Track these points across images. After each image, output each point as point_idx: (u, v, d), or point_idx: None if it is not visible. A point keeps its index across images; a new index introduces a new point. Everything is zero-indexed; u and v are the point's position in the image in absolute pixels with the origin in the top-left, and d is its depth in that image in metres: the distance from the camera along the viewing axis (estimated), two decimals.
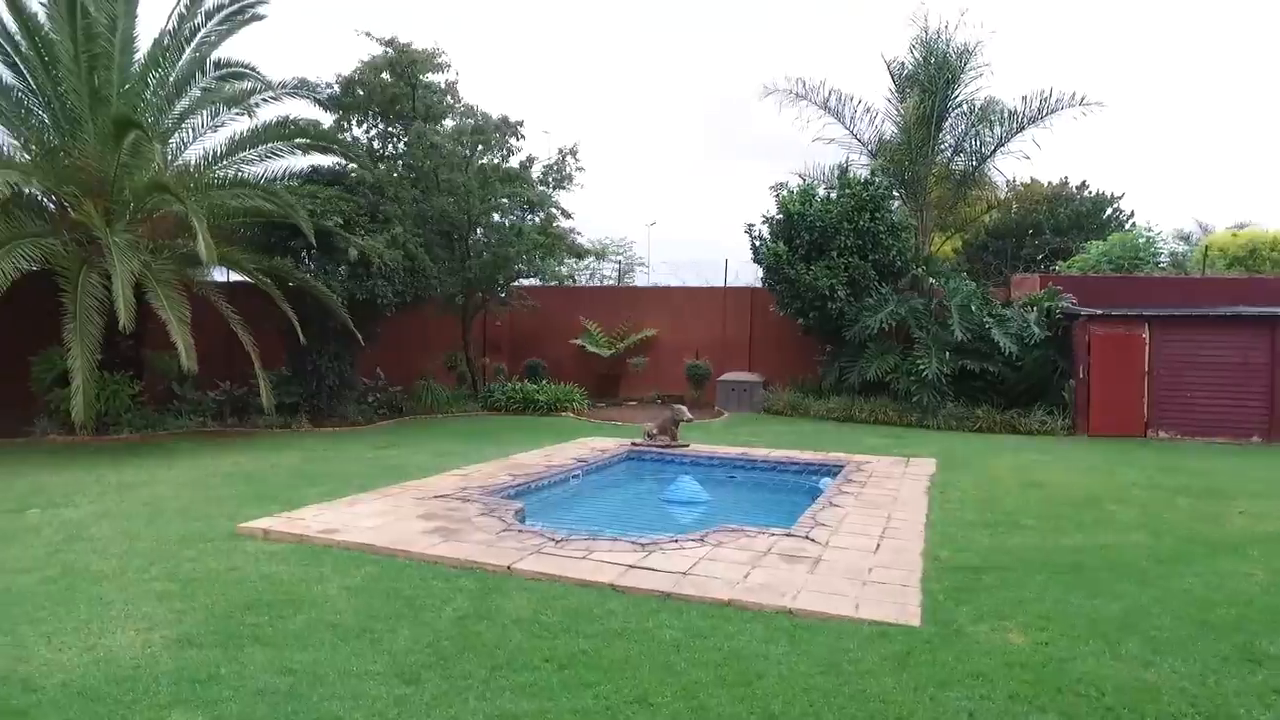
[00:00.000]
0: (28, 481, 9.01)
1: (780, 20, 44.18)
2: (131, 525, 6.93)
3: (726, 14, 45.26)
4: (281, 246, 13.16)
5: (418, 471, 9.41)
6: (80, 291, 10.62)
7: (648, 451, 11.50)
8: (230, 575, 5.42)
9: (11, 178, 10.09)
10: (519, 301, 17.47)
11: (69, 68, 11.91)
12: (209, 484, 8.82)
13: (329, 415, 14.60)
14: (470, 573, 5.47)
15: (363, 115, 15.93)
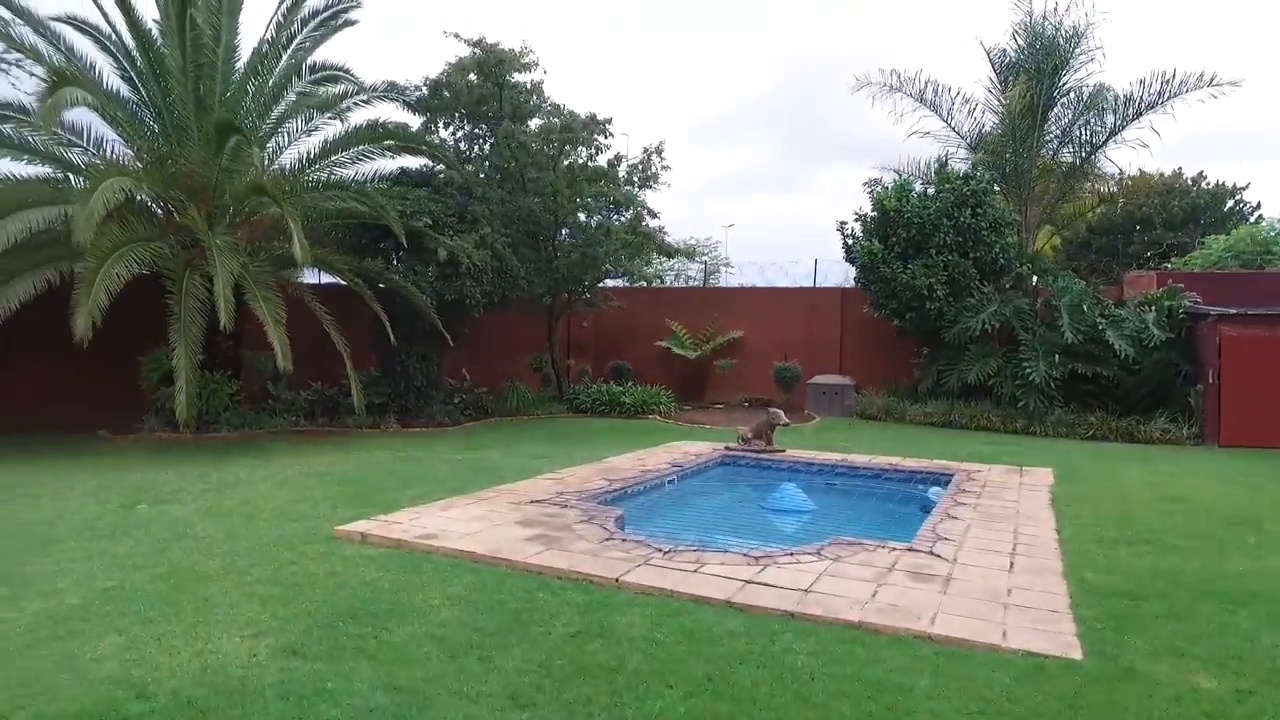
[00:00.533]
0: (138, 477, 9.19)
1: (860, 12, 42.95)
2: (232, 524, 6.91)
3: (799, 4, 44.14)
4: (372, 248, 13.26)
5: (510, 475, 9.23)
6: (184, 293, 10.85)
7: (742, 456, 11.08)
8: (331, 581, 5.26)
9: (125, 184, 10.36)
10: (605, 302, 17.26)
11: (177, 78, 12.26)
12: (304, 484, 8.82)
13: (416, 416, 14.66)
14: (577, 585, 5.18)
15: (449, 117, 15.98)
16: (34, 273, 10.26)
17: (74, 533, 6.70)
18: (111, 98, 12.35)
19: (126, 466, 9.95)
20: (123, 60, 13.15)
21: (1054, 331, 14.52)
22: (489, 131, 16.48)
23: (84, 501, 7.93)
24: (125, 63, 13.14)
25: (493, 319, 16.33)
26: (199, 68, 12.11)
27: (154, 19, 12.91)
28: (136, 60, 12.91)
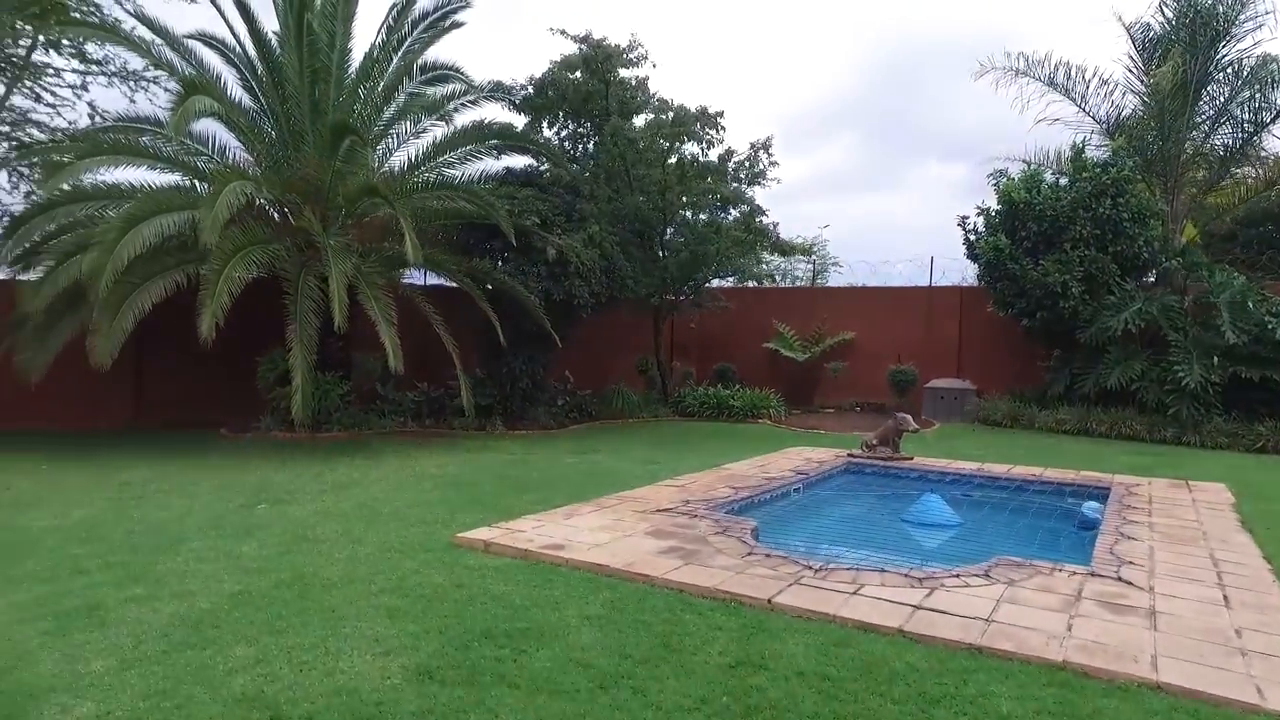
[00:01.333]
0: (256, 477, 9.23)
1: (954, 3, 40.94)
2: (351, 528, 6.72)
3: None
4: (479, 248, 13.14)
5: (628, 481, 8.82)
6: (300, 294, 10.92)
7: (868, 464, 10.38)
8: (458, 594, 4.93)
9: (246, 188, 10.51)
10: (713, 303, 16.73)
11: (295, 84, 12.45)
12: (418, 487, 8.64)
13: (520, 418, 14.48)
14: (724, 606, 4.69)
15: (554, 116, 15.81)
16: (164, 275, 10.49)
17: (200, 531, 6.64)
18: (234, 106, 12.64)
19: (245, 466, 10.03)
20: (245, 71, 13.49)
21: (1210, 331, 13.20)
22: (593, 130, 16.22)
23: (209, 500, 7.94)
24: (247, 73, 13.48)
25: (594, 320, 16.04)
26: (314, 73, 12.25)
27: (273, 31, 13.22)
28: (257, 69, 13.21)
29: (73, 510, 7.52)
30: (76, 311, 10.79)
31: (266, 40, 12.93)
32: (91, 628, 4.42)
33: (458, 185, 12.55)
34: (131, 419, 14.68)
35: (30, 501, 7.92)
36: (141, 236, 10.01)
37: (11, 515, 7.31)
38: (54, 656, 4.03)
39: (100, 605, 4.79)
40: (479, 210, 12.16)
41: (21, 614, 4.69)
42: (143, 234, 10.04)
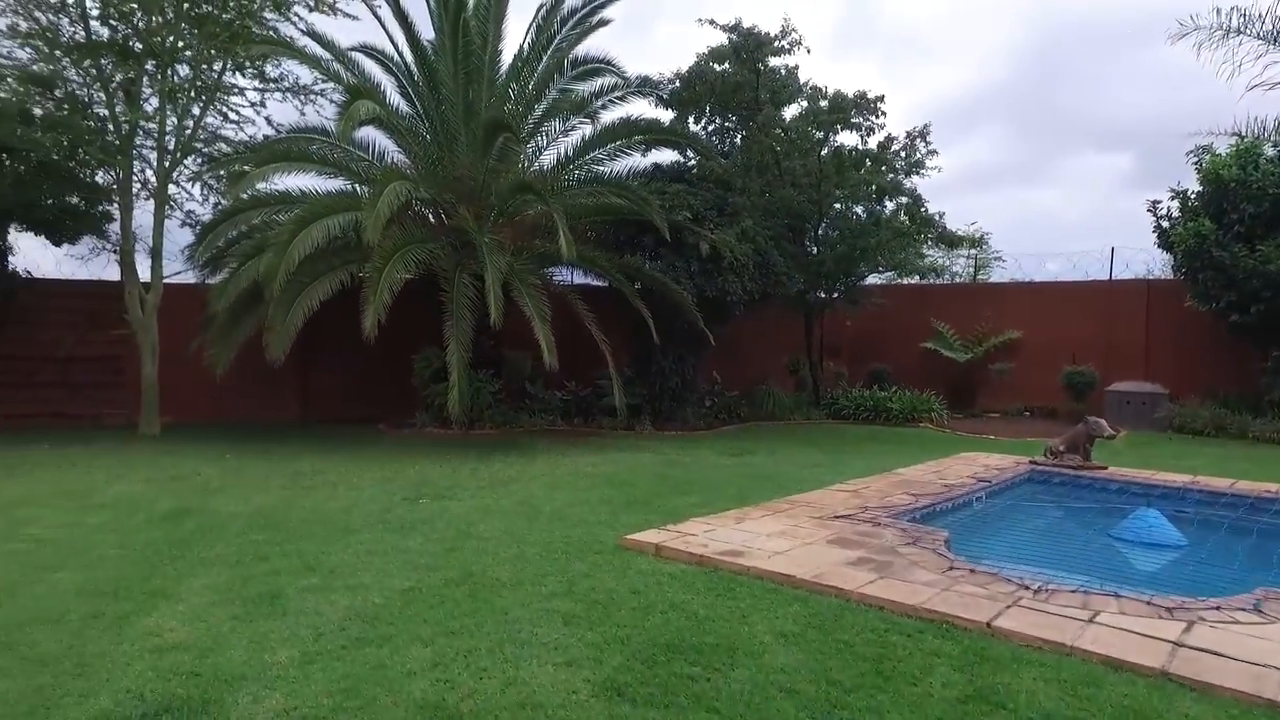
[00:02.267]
0: (415, 471, 9.34)
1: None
2: (514, 526, 6.56)
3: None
4: (629, 244, 12.94)
5: (793, 484, 8.30)
6: (456, 292, 11.05)
7: (1055, 473, 9.37)
8: (635, 601, 4.60)
9: (405, 188, 10.76)
10: (869, 300, 15.87)
11: (449, 86, 12.71)
12: (575, 485, 8.46)
13: (668, 418, 14.20)
14: (934, 627, 4.12)
15: (700, 110, 15.45)
16: (330, 275, 10.87)
17: (368, 524, 6.67)
18: (393, 111, 13.04)
19: (404, 460, 10.21)
20: (402, 78, 13.94)
21: None
22: (740, 123, 15.75)
23: (374, 493, 8.05)
24: (404, 80, 13.92)
25: (738, 319, 15.56)
26: (468, 75, 12.44)
27: (427, 39, 13.57)
28: (414, 75, 13.61)
29: (253, 497, 7.79)
30: (254, 311, 11.39)
31: (423, 47, 13.30)
32: (274, 615, 4.39)
33: (610, 181, 12.42)
34: (300, 413, 15.48)
35: (217, 488, 8.30)
36: (311, 238, 10.39)
37: (203, 500, 7.64)
38: (243, 643, 3.99)
39: (281, 593, 4.77)
40: (631, 206, 11.97)
41: (214, 596, 4.74)
42: (312, 235, 10.43)
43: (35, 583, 5.09)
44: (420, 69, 13.40)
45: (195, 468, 9.55)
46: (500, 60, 13.76)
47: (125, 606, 4.60)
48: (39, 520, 6.85)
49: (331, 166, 12.47)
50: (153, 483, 8.62)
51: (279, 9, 13.44)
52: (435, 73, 13.29)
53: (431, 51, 13.39)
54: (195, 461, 10.02)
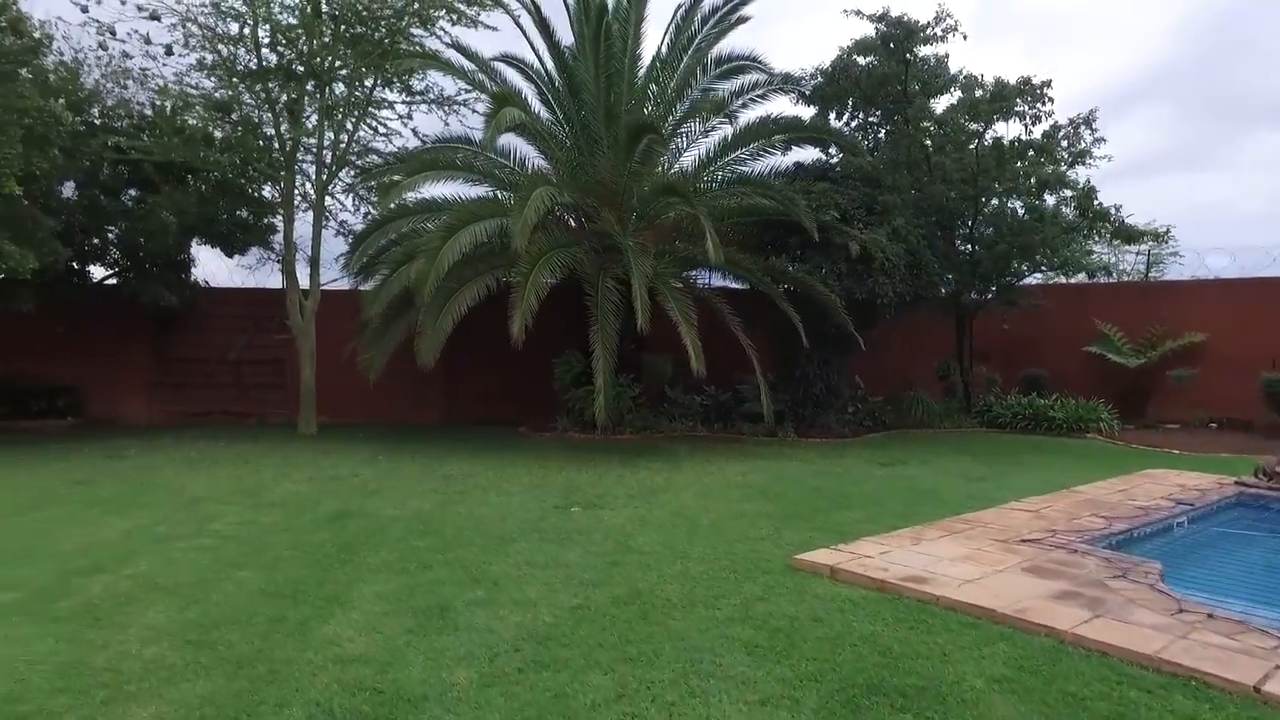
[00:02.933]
0: (563, 478, 9.31)
1: None
2: (673, 539, 6.34)
3: None
4: (773, 246, 12.54)
5: (958, 500, 7.73)
6: (600, 297, 11.00)
7: (1273, 497, 8.31)
8: (820, 631, 4.27)
9: (551, 193, 10.78)
10: (1028, 301, 14.78)
11: (589, 90, 12.72)
12: (727, 496, 8.17)
13: (810, 425, 13.67)
14: (1180, 684, 3.57)
15: (842, 105, 14.82)
16: (476, 281, 11.04)
17: (523, 532, 6.62)
18: (534, 117, 13.17)
19: (550, 465, 10.22)
20: (541, 85, 14.07)
21: None
22: (884, 117, 15.02)
23: (524, 500, 8.04)
24: (543, 86, 14.05)
25: (885, 321, 14.85)
26: (609, 78, 12.40)
27: (566, 45, 13.66)
28: (553, 81, 13.72)
29: (409, 500, 7.94)
30: (404, 316, 11.74)
31: (562, 53, 13.38)
32: (446, 630, 4.34)
33: (754, 181, 12.07)
34: (444, 415, 15.93)
35: (374, 490, 8.52)
36: (459, 244, 10.58)
37: (363, 502, 7.85)
38: (420, 659, 3.94)
39: (449, 606, 4.73)
40: (776, 206, 11.59)
41: (385, 605, 4.75)
42: (460, 241, 10.62)
43: (224, 580, 5.29)
44: (560, 75, 13.50)
45: (352, 469, 9.89)
46: (639, 62, 13.66)
47: (305, 611, 4.67)
48: (221, 516, 7.20)
49: (476, 174, 12.73)
50: (315, 482, 8.97)
51: (425, 24, 13.88)
52: (575, 77, 13.35)
53: (570, 57, 13.46)
54: (351, 463, 10.39)
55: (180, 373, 15.55)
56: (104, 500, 7.94)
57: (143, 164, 13.24)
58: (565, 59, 13.51)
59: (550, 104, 14.04)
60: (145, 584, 5.22)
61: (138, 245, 13.20)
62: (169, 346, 15.49)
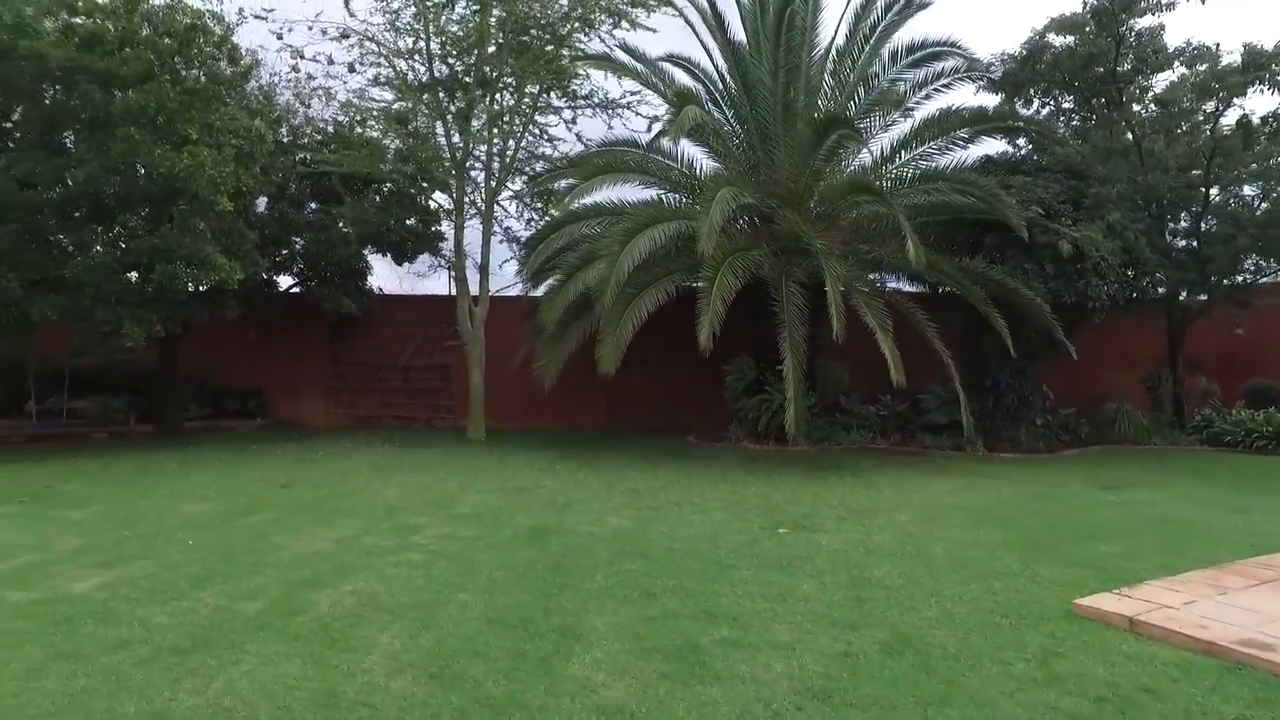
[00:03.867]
0: (755, 493, 8.79)
1: None
2: (912, 572, 5.69)
3: None
4: (967, 245, 11.58)
5: (1234, 540, 6.67)
6: (786, 301, 10.41)
7: None
8: (1160, 706, 3.53)
9: (734, 194, 10.30)
10: (1265, 300, 13.05)
11: (766, 86, 12.16)
12: (948, 520, 7.41)
13: (996, 438, 12.57)
14: None
15: (1033, 91, 13.59)
16: (655, 286, 10.71)
17: (739, 557, 6.13)
18: (708, 116, 12.75)
19: (735, 478, 9.75)
20: (709, 85, 13.66)
21: None
22: (1079, 102, 13.68)
23: (724, 518, 7.58)
24: (711, 85, 13.63)
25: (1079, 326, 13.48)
26: (788, 72, 11.80)
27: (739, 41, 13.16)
28: (725, 79, 13.26)
29: (605, 517, 7.61)
30: (578, 322, 11.57)
31: (737, 48, 12.89)
32: (706, 679, 3.88)
33: (947, 176, 11.13)
34: (605, 422, 15.76)
35: (564, 503, 8.27)
36: (638, 248, 10.27)
37: (557, 517, 7.60)
38: (691, 715, 3.49)
39: (696, 646, 4.29)
40: (974, 203, 10.66)
41: (626, 643, 4.37)
42: (638, 246, 10.31)
43: (445, 603, 5.06)
44: (733, 72, 13.01)
45: (534, 479, 9.72)
46: (814, 56, 12.99)
47: (542, 646, 4.34)
48: (421, 528, 7.10)
49: (651, 176, 12.45)
50: (503, 494, 8.82)
51: (588, 28, 13.75)
52: (748, 74, 12.83)
53: (746, 52, 12.95)
54: (530, 472, 10.25)
55: (353, 377, 16.11)
56: (307, 506, 8.05)
57: (326, 177, 13.77)
58: (740, 55, 13.00)
59: (719, 103, 13.59)
60: (369, 602, 5.06)
61: (320, 255, 13.70)
62: (343, 352, 16.09)
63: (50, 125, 10.21)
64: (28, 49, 9.15)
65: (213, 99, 10.46)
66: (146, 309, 10.42)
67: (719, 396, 13.65)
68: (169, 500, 8.20)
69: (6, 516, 7.50)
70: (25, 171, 10.07)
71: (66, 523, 7.19)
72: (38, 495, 8.43)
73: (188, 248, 10.01)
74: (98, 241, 10.36)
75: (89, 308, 10.23)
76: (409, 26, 13.60)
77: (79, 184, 9.73)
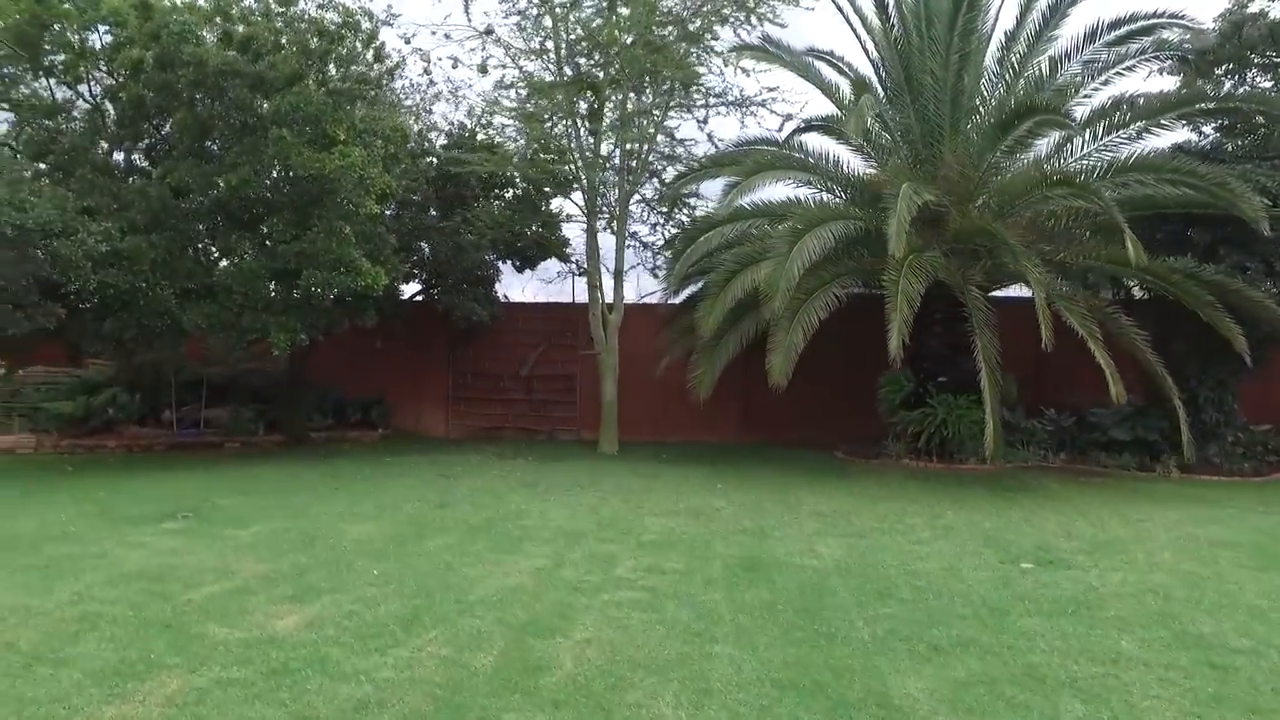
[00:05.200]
0: (959, 518, 7.84)
1: None
2: (1246, 626, 4.74)
3: None
4: (1168, 243, 10.38)
5: None
6: (973, 307, 9.45)
7: None
8: None
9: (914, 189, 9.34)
10: None
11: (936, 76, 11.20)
12: (1221, 558, 6.37)
13: None
14: None
15: (1227, 71, 12.24)
16: (823, 290, 9.88)
17: (1004, 600, 5.28)
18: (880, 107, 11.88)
19: (921, 499, 8.91)
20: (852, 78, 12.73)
21: None
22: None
23: (945, 548, 6.75)
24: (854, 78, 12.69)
25: None
26: (961, 60, 10.82)
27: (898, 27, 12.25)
28: (883, 71, 12.32)
29: (814, 545, 6.82)
30: (735, 329, 10.81)
31: (899, 37, 11.95)
32: None
33: (1157, 165, 9.88)
34: (737, 435, 14.90)
35: (754, 529, 7.49)
36: (808, 247, 9.47)
37: (760, 545, 6.82)
38: None
39: None
40: (1190, 194, 9.47)
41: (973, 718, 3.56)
42: (809, 245, 9.50)
43: (708, 658, 4.34)
44: (893, 62, 12.06)
45: (701, 499, 8.98)
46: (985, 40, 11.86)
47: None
48: (615, 559, 6.40)
49: (813, 174, 11.59)
50: (680, 516, 8.08)
51: (721, 23, 13.05)
52: (910, 63, 11.89)
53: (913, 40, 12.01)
54: (691, 491, 9.51)
55: (475, 387, 15.67)
56: (478, 530, 7.43)
57: (453, 181, 13.36)
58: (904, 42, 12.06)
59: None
60: (617, 657, 4.36)
61: (448, 261, 13.26)
62: (464, 361, 15.66)
63: (202, 131, 9.97)
64: (191, 55, 8.92)
65: (358, 99, 10.09)
66: (291, 316, 10.08)
67: (861, 409, 12.67)
68: (331, 521, 7.71)
69: (177, 534, 7.12)
70: (178, 179, 9.86)
71: (239, 544, 6.74)
72: (198, 510, 8.06)
73: (335, 252, 9.62)
74: (245, 248, 10.06)
75: (236, 315, 9.94)
76: (537, 26, 13.14)
77: (231, 188, 9.43)
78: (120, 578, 5.71)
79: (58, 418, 12.75)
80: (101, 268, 9.24)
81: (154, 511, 7.99)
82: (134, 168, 11.26)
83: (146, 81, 9.72)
